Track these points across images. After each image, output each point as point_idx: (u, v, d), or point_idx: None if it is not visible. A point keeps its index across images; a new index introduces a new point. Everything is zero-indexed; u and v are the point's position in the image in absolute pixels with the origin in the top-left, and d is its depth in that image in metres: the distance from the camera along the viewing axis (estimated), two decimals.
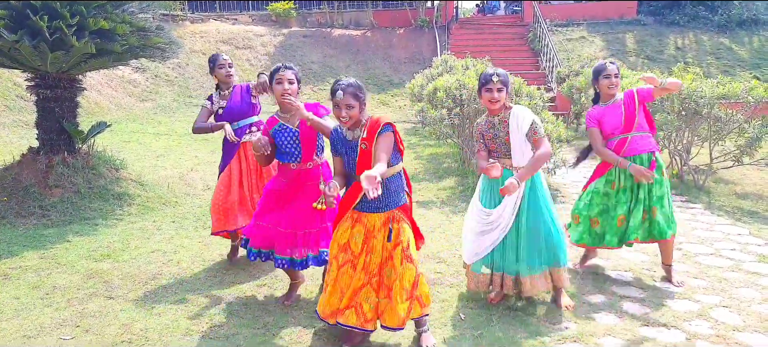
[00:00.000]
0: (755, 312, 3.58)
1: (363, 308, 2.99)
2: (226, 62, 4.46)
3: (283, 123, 3.52)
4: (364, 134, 2.96)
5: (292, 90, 3.45)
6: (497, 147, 3.52)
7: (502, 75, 3.42)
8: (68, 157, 6.25)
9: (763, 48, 15.92)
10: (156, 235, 5.20)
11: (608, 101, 4.04)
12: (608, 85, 3.98)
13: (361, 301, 3.00)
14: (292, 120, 3.50)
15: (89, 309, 3.67)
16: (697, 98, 6.65)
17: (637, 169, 3.84)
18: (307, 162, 3.55)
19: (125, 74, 12.59)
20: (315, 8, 19.22)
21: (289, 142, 3.50)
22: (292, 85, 3.46)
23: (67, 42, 5.47)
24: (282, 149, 3.52)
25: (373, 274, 3.02)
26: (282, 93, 3.42)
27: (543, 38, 15.78)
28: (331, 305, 3.07)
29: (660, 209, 3.97)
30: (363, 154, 2.96)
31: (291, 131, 3.50)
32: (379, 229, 3.03)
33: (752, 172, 7.63)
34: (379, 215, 3.04)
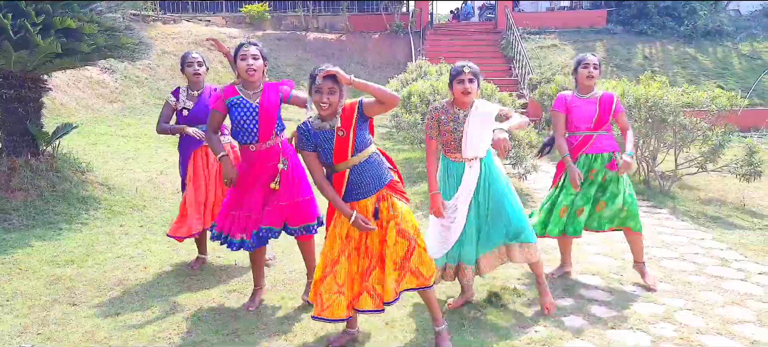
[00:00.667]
0: (717, 315, 3.68)
1: (376, 290, 2.97)
2: (194, 60, 4.27)
3: (242, 97, 3.44)
4: (338, 123, 2.93)
5: (257, 66, 3.40)
6: (453, 141, 3.47)
7: (473, 67, 3.43)
8: (32, 159, 6.07)
9: (726, 58, 16.45)
10: (122, 240, 5.09)
11: (584, 93, 4.08)
12: (587, 75, 4.01)
13: (374, 284, 2.97)
14: (253, 97, 3.44)
15: (51, 315, 3.56)
16: (663, 106, 6.82)
17: (572, 172, 3.93)
18: (265, 141, 3.46)
19: (93, 75, 12.30)
20: (290, 11, 19.13)
21: (246, 117, 3.41)
22: (257, 60, 3.41)
23: (32, 41, 5.32)
24: (238, 125, 3.43)
25: (377, 257, 3.00)
26: (247, 69, 3.37)
27: (516, 45, 16.01)
28: (349, 298, 3.02)
29: (610, 204, 4.05)
30: (340, 141, 2.92)
31: (250, 105, 3.42)
32: (371, 212, 3.01)
33: (715, 178, 7.87)
34: (369, 200, 3.01)
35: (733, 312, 3.73)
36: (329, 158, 2.99)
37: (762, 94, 14.65)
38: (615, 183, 4.07)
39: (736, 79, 15.24)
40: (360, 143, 2.97)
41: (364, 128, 3.01)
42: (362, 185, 2.99)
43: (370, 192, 3.00)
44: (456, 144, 3.47)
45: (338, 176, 2.99)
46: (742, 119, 7.96)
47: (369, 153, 3.01)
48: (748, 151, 6.96)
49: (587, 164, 4.07)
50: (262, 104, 3.42)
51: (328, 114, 2.95)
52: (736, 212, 6.59)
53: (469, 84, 3.38)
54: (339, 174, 2.99)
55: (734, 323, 3.57)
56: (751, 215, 6.51)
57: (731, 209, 6.74)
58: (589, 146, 4.04)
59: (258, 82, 3.47)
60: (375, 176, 3.02)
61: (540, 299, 3.71)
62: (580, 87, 4.10)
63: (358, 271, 3.03)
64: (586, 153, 4.06)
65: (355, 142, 2.93)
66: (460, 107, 3.47)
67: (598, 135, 4.04)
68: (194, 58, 4.29)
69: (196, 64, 4.27)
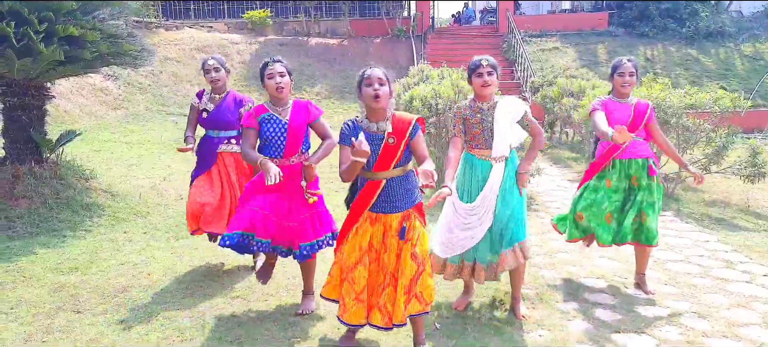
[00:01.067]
0: (723, 318, 3.66)
1: (387, 307, 2.95)
2: (210, 67, 4.32)
3: (272, 113, 3.49)
4: (389, 129, 2.89)
5: (285, 83, 3.46)
6: (482, 134, 3.48)
7: (491, 60, 3.45)
8: (35, 167, 6.09)
9: (729, 59, 16.43)
10: (126, 247, 5.09)
11: (621, 99, 4.06)
12: (621, 83, 4.00)
13: (385, 301, 2.95)
14: (283, 114, 3.49)
15: (56, 323, 3.56)
16: (666, 107, 6.81)
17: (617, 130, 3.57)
18: (290, 157, 3.50)
19: (96, 82, 12.35)
20: (291, 16, 19.19)
21: (275, 133, 3.45)
22: (284, 77, 3.47)
23: (35, 49, 5.34)
24: (267, 140, 3.47)
25: (391, 274, 2.97)
26: (276, 87, 3.43)
27: (517, 48, 16.02)
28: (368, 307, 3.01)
29: (651, 213, 3.97)
30: (388, 149, 2.88)
31: (280, 122, 3.47)
32: (397, 228, 2.97)
33: (719, 180, 7.84)
34: (396, 216, 2.97)
35: (739, 314, 3.71)
36: (370, 163, 2.92)
37: (765, 95, 14.62)
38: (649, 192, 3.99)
39: (738, 80, 15.21)
40: (405, 158, 2.96)
41: (408, 149, 2.98)
42: (394, 199, 2.96)
43: (398, 209, 2.97)
44: (485, 138, 3.48)
45: (372, 185, 2.94)
46: (745, 120, 7.94)
47: (408, 169, 2.99)
48: (751, 152, 6.94)
49: (623, 170, 4.03)
50: (291, 121, 3.47)
51: (379, 109, 2.90)
52: (741, 214, 6.56)
53: (488, 77, 3.42)
54: (373, 183, 2.94)
55: (740, 325, 3.55)
56: (756, 217, 6.48)
57: (735, 210, 6.71)
58: (622, 150, 3.98)
59: (286, 99, 3.53)
60: (407, 193, 2.98)
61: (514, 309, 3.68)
62: (616, 92, 4.08)
63: (374, 285, 3.01)
64: (620, 158, 4.02)
65: (402, 154, 2.91)
66: (482, 100, 3.51)
67: (633, 140, 3.95)
68: (210, 65, 4.34)
69: (213, 70, 4.32)
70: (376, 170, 2.93)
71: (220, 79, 4.35)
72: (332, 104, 14.76)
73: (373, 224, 3.01)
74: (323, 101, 14.75)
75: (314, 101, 13.73)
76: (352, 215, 3.07)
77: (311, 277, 3.75)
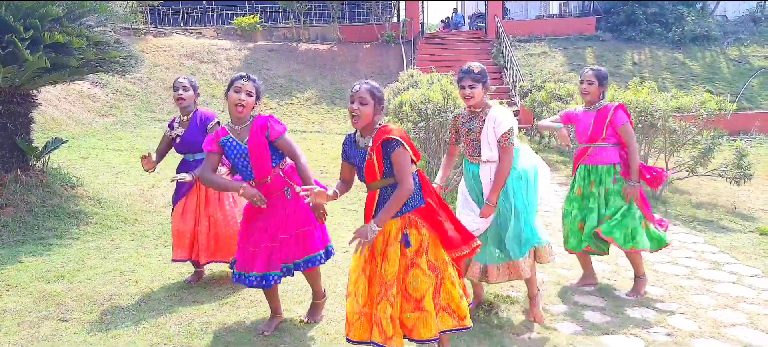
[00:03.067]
0: (710, 319, 3.69)
1: (382, 324, 2.80)
2: (179, 85, 4.20)
3: (231, 137, 3.33)
4: (370, 144, 2.88)
5: (247, 103, 3.28)
6: (471, 143, 3.55)
7: (475, 71, 3.43)
8: (21, 174, 6.02)
9: (715, 63, 16.62)
10: (114, 254, 5.05)
11: (586, 106, 4.11)
12: (580, 90, 4.11)
13: (380, 316, 2.81)
14: (242, 134, 3.33)
15: (41, 332, 3.52)
16: (653, 111, 6.88)
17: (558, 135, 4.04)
18: (262, 178, 3.35)
19: (84, 89, 12.26)
20: (281, 23, 19.18)
21: (237, 157, 3.32)
22: (250, 97, 3.29)
23: (21, 56, 5.29)
24: (234, 164, 3.39)
25: (388, 286, 2.83)
26: (236, 103, 3.25)
27: (506, 53, 16.11)
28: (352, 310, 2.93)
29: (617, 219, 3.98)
30: (369, 163, 2.89)
31: (239, 147, 3.31)
32: (395, 236, 2.89)
33: (706, 182, 7.92)
34: (394, 221, 2.90)
35: (726, 315, 3.74)
36: (361, 174, 2.97)
37: (750, 97, 14.81)
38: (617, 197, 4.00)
39: (724, 83, 15.39)
40: (389, 169, 2.89)
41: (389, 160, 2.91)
42: None
43: (396, 215, 2.89)
44: (474, 147, 3.54)
45: (370, 196, 2.96)
46: (731, 122, 8.05)
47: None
48: (737, 154, 7.02)
49: (586, 176, 4.09)
50: (250, 142, 3.29)
51: (361, 127, 2.91)
52: (728, 216, 6.63)
53: (469, 89, 3.44)
54: (371, 194, 2.96)
55: (727, 326, 3.58)
56: (742, 218, 6.56)
57: (722, 212, 6.78)
58: (585, 158, 4.07)
59: (245, 118, 3.33)
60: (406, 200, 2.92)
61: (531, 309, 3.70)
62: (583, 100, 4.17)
63: (371, 296, 2.92)
64: (584, 164, 4.09)
65: (382, 168, 2.88)
66: (473, 110, 3.55)
67: (595, 148, 4.03)
68: (179, 83, 4.23)
69: (181, 89, 4.21)
70: (368, 182, 2.95)
71: (186, 98, 4.22)
72: (322, 109, 14.75)
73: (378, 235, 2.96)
74: (313, 106, 14.74)
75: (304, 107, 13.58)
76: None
77: (317, 282, 3.66)
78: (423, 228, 2.93)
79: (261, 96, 3.41)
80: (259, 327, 3.54)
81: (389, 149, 2.83)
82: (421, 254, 2.88)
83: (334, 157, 9.96)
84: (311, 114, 14.33)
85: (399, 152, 2.81)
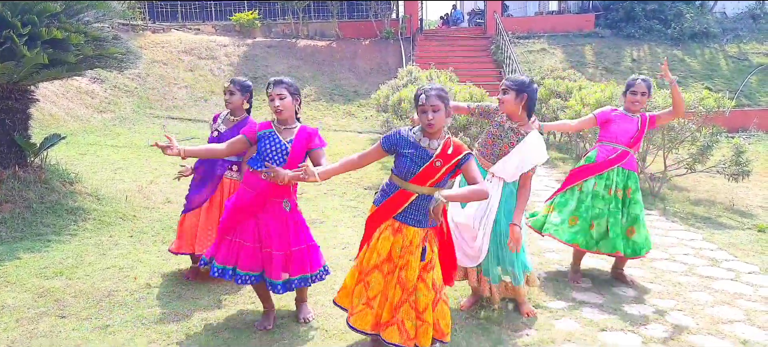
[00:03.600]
0: (708, 315, 3.70)
1: (405, 325, 2.89)
2: (226, 89, 4.21)
3: (274, 131, 3.39)
4: (439, 151, 2.88)
5: (285, 105, 3.33)
6: (492, 147, 3.53)
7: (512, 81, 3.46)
8: (19, 171, 6.01)
9: (714, 60, 16.63)
10: (112, 250, 5.04)
11: (630, 114, 4.19)
12: (632, 102, 4.15)
13: (403, 318, 2.90)
14: (284, 134, 3.38)
15: (40, 328, 3.52)
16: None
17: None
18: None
19: (82, 85, 12.24)
20: (279, 19, 19.14)
21: (273, 151, 3.34)
22: (283, 100, 3.33)
23: (18, 52, 5.27)
24: (262, 156, 3.36)
25: (409, 292, 2.91)
26: (274, 110, 3.34)
27: (505, 50, 16.10)
28: (377, 316, 2.96)
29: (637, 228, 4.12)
30: (430, 168, 2.88)
31: (280, 143, 3.35)
32: (417, 245, 2.94)
33: (704, 179, 7.93)
34: (418, 230, 2.94)
35: (723, 311, 3.75)
36: (409, 174, 2.92)
37: (749, 94, 14.82)
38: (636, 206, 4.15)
39: (723, 80, 15.40)
40: (445, 181, 2.95)
41: (449, 175, 2.96)
42: (419, 213, 2.94)
43: (421, 223, 2.94)
44: (492, 152, 3.51)
45: (403, 194, 2.94)
46: (729, 119, 8.04)
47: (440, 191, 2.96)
48: (735, 151, 7.03)
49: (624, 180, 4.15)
50: (294, 144, 3.35)
51: (433, 133, 2.92)
52: (726, 213, 6.64)
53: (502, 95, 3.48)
54: (405, 193, 2.94)
55: (724, 323, 3.59)
56: (740, 215, 6.57)
57: (721, 209, 6.79)
58: (625, 162, 4.15)
59: (289, 120, 3.41)
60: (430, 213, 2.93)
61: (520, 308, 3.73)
62: (626, 108, 4.22)
63: (390, 299, 2.95)
64: (624, 167, 4.16)
65: (442, 179, 2.90)
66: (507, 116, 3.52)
67: (632, 154, 4.18)
68: (225, 87, 4.23)
69: (227, 93, 4.20)
70: (413, 182, 2.92)
71: (234, 102, 4.19)
72: (321, 106, 14.73)
73: (395, 234, 2.98)
74: (312, 103, 14.73)
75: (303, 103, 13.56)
76: (376, 218, 3.04)
77: (303, 292, 3.66)
78: (435, 246, 3.01)
79: (297, 93, 3.43)
80: (257, 323, 3.54)
81: (463, 162, 2.88)
82: (429, 270, 2.94)
83: (333, 153, 9.96)
84: (310, 110, 14.32)
85: (471, 163, 2.90)
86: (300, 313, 3.64)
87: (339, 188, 7.67)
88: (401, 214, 2.96)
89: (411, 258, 2.93)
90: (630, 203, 4.14)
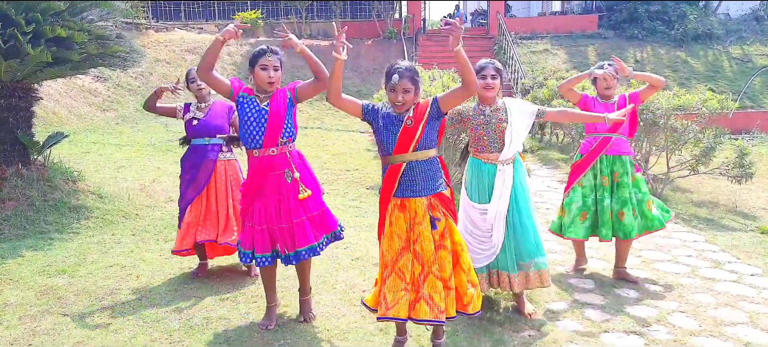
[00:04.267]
0: (710, 317, 3.69)
1: (434, 299, 2.85)
2: (196, 77, 4.27)
3: (253, 97, 3.35)
4: (410, 113, 2.91)
5: (277, 77, 3.32)
6: (486, 136, 3.53)
7: (497, 64, 3.55)
8: (22, 169, 6.02)
9: (717, 61, 16.59)
10: (114, 249, 5.05)
11: (605, 100, 4.26)
12: (604, 87, 4.22)
13: (430, 293, 2.87)
14: (263, 99, 3.34)
15: (42, 326, 3.52)
16: (655, 109, 6.86)
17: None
18: (269, 148, 3.32)
19: (85, 83, 12.26)
20: (282, 18, 19.16)
21: (252, 116, 3.30)
22: (277, 72, 3.33)
23: (22, 50, 5.29)
24: (244, 126, 3.32)
25: (430, 262, 2.89)
26: (268, 80, 3.29)
27: (508, 50, 16.08)
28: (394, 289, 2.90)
29: (627, 210, 4.18)
30: (406, 131, 2.88)
31: (258, 107, 3.32)
32: (423, 214, 2.92)
33: (707, 180, 7.91)
34: (420, 200, 2.92)
35: (726, 313, 3.74)
36: (390, 146, 2.93)
37: (752, 96, 14.78)
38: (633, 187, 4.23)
39: (726, 81, 15.37)
40: (425, 140, 2.91)
41: (434, 126, 2.95)
42: (414, 183, 2.93)
43: (420, 193, 2.92)
44: (490, 141, 3.51)
45: (393, 169, 2.93)
46: (732, 121, 8.03)
47: (429, 155, 2.95)
48: (739, 153, 7.01)
49: (609, 166, 4.22)
50: (272, 107, 3.31)
51: (402, 111, 2.95)
52: (728, 214, 6.62)
53: (491, 80, 3.50)
54: (394, 167, 2.93)
55: (727, 325, 3.58)
56: (743, 217, 6.55)
57: (723, 211, 6.77)
58: (608, 148, 4.21)
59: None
60: (428, 179, 2.95)
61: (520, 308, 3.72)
62: (600, 96, 4.30)
63: (412, 277, 2.92)
64: (607, 154, 4.22)
65: (421, 137, 2.89)
66: (485, 103, 3.56)
67: (616, 138, 4.21)
68: (195, 75, 4.24)
69: (198, 79, 4.25)
70: (396, 153, 2.92)
71: (204, 88, 4.29)
72: (323, 106, 14.74)
73: (402, 211, 2.96)
74: (314, 102, 14.73)
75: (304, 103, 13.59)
76: (382, 205, 3.05)
77: (307, 277, 3.63)
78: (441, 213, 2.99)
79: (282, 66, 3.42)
80: (260, 323, 3.54)
81: (433, 107, 2.89)
82: (446, 236, 2.93)
83: (334, 153, 9.96)
84: (312, 110, 14.33)
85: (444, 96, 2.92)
86: (303, 312, 3.63)
87: (341, 187, 7.67)
88: (399, 189, 2.95)
89: (421, 229, 2.91)
90: (618, 187, 4.21)
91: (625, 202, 4.17)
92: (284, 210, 3.39)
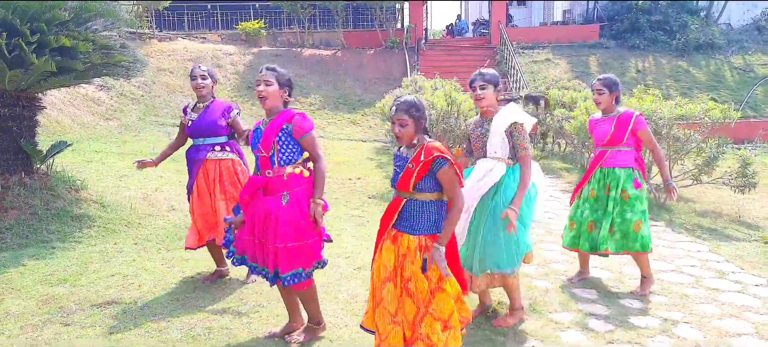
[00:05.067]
0: (715, 328, 3.66)
1: (432, 339, 2.81)
2: (197, 74, 4.31)
3: (259, 124, 3.38)
4: (413, 156, 2.88)
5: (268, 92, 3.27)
6: (481, 148, 3.59)
7: (487, 74, 3.55)
8: (25, 177, 6.03)
9: (719, 71, 16.60)
10: (117, 258, 5.05)
11: (604, 113, 4.30)
12: (594, 100, 4.30)
13: (427, 333, 2.82)
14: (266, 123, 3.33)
15: (44, 335, 3.51)
16: (657, 119, 6.86)
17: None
18: (265, 170, 3.29)
19: (89, 92, 12.30)
20: (285, 28, 19.25)
21: (255, 141, 3.35)
22: (269, 86, 3.27)
23: (27, 60, 5.32)
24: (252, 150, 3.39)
25: (427, 303, 2.84)
26: (258, 95, 3.31)
27: (510, 60, 16.12)
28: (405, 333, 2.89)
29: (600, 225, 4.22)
30: (408, 171, 2.87)
31: (259, 131, 3.33)
32: (413, 252, 2.88)
33: (710, 190, 7.89)
34: (411, 237, 2.89)
35: (731, 324, 3.72)
36: (395, 179, 2.98)
37: (755, 106, 14.78)
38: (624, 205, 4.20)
39: (728, 91, 15.37)
40: (423, 186, 2.87)
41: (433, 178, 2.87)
42: (412, 220, 2.90)
43: (415, 231, 2.89)
44: (483, 150, 3.60)
45: (396, 201, 2.96)
46: (735, 131, 8.02)
47: (430, 198, 2.89)
48: (742, 163, 7.00)
49: (602, 179, 4.26)
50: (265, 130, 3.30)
51: (407, 144, 2.93)
52: (732, 224, 6.60)
53: (479, 90, 3.54)
54: (397, 200, 2.96)
55: (732, 335, 3.55)
56: (747, 227, 6.52)
57: (727, 220, 6.75)
58: (603, 161, 4.24)
59: (273, 109, 3.32)
60: (426, 220, 2.89)
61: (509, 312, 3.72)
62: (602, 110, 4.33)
63: (406, 315, 2.89)
64: (602, 167, 4.27)
65: (417, 182, 2.87)
66: (484, 116, 3.63)
67: (612, 151, 4.22)
68: (197, 72, 4.35)
69: (199, 77, 4.32)
70: (398, 188, 2.94)
71: (205, 86, 4.35)
72: (326, 114, 14.77)
73: (394, 243, 2.95)
74: (317, 112, 14.76)
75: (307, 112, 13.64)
76: (380, 230, 3.05)
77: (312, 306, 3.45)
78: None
79: (286, 85, 3.38)
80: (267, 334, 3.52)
81: (437, 167, 2.83)
82: (445, 279, 2.87)
83: (338, 162, 9.97)
84: (315, 119, 14.28)
85: (446, 169, 2.80)
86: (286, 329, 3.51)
87: (343, 196, 7.67)
88: (397, 222, 2.96)
89: (413, 268, 2.88)
90: (607, 200, 4.23)
91: (601, 216, 4.21)
92: (269, 231, 3.25)
